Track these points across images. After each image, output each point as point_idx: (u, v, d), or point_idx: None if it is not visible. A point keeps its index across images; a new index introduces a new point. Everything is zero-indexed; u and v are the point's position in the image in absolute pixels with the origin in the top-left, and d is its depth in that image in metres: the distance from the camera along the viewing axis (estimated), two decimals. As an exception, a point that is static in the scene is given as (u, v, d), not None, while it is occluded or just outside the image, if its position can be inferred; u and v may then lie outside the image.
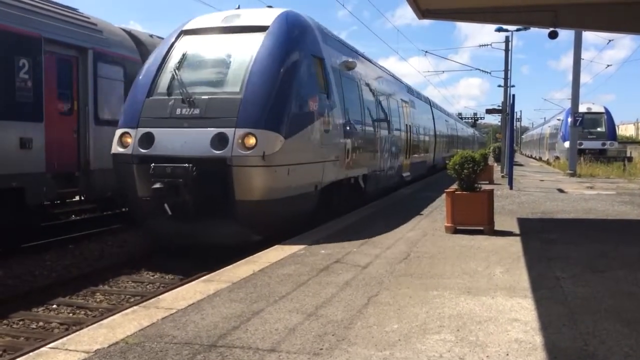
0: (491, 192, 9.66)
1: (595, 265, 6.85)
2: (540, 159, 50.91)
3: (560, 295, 5.51)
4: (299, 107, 9.33)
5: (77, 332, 4.46)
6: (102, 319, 4.71)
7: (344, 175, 11.40)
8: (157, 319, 4.76)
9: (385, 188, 15.80)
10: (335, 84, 10.94)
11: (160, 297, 5.40)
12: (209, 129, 8.68)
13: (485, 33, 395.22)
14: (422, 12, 11.55)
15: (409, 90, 22.38)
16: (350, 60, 12.26)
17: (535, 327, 4.57)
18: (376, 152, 14.28)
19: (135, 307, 5.05)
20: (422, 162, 23.36)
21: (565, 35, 38.48)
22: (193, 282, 5.98)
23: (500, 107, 32.93)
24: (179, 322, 4.71)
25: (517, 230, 9.60)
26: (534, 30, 27.13)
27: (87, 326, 4.57)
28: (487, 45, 34.01)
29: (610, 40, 30.11)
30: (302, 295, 5.52)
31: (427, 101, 27.98)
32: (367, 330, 4.50)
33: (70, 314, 6.85)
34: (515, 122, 31.31)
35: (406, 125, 19.17)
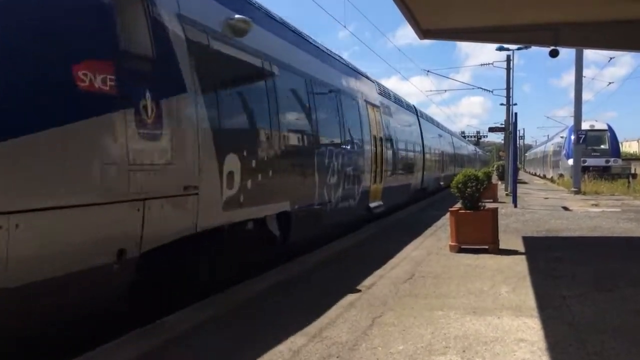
0: (495, 210, 9.62)
1: (602, 284, 6.78)
2: (544, 177, 50.81)
3: (566, 315, 5.44)
4: (22, 78, 4.18)
5: (78, 358, 4.41)
6: (103, 344, 4.65)
7: (220, 220, 6.40)
8: (159, 342, 4.72)
9: (336, 226, 11.25)
10: (188, 49, 5.94)
11: (162, 320, 5.36)
12: None
13: (485, 52, 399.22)
14: (423, 32, 11.63)
15: (382, 92, 16.83)
16: (239, 17, 6.96)
17: (542, 347, 4.50)
18: (311, 175, 9.37)
19: (137, 331, 5.01)
20: (403, 185, 18.23)
21: (566, 53, 38.63)
22: (195, 305, 5.93)
23: (503, 126, 33.00)
24: (180, 345, 4.66)
25: (522, 249, 9.54)
26: (534, 48, 27.25)
27: (88, 351, 4.52)
28: (489, 64, 34.18)
29: (611, 58, 30.37)
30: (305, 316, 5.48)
31: (412, 110, 22.66)
32: (372, 352, 4.44)
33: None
34: (518, 140, 31.31)
35: (374, 137, 13.93)
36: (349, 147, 11.67)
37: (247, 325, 5.21)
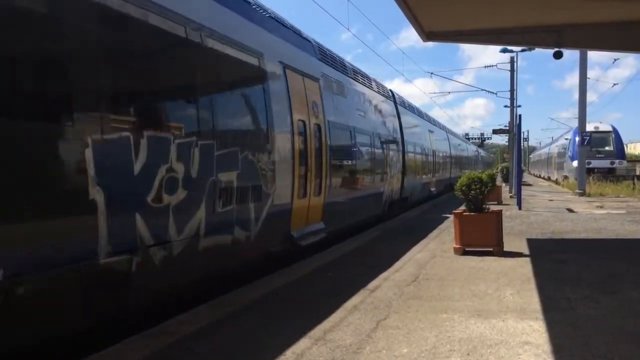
0: (500, 212, 9.60)
1: (607, 286, 6.75)
2: (548, 179, 50.66)
3: (571, 317, 5.42)
4: None
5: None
6: (107, 347, 4.66)
7: None
8: (163, 345, 4.73)
9: (203, 280, 6.53)
10: None
11: (166, 322, 5.36)
12: None
13: (488, 54, 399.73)
14: (427, 35, 11.63)
15: (328, 60, 11.60)
16: None
17: (547, 350, 4.48)
18: (78, 192, 4.48)
19: (141, 334, 5.01)
20: (369, 196, 13.59)
21: (569, 55, 38.53)
22: (199, 308, 5.93)
23: (507, 127, 32.97)
24: (184, 348, 4.67)
25: (526, 251, 9.51)
26: (537, 50, 27.11)
27: (93, 354, 4.52)
28: (493, 66, 34.07)
29: (615, 59, 30.25)
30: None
31: (388, 94, 17.50)
32: (376, 355, 4.43)
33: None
34: (522, 142, 31.22)
35: (305, 123, 9.31)
36: (229, 137, 6.96)
37: (251, 329, 5.21)
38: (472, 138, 79.69)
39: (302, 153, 9.12)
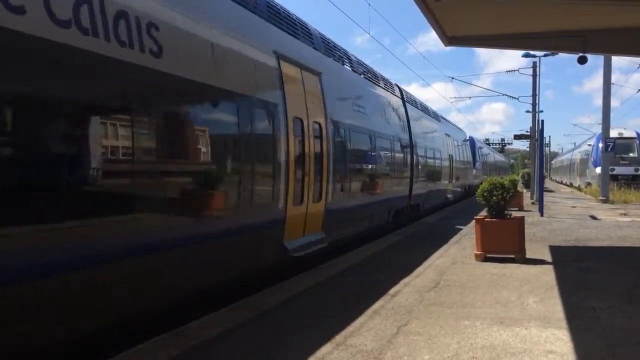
0: (522, 219, 9.49)
1: (634, 295, 6.63)
2: (570, 185, 49.97)
3: (597, 327, 5.33)
4: None
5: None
6: (130, 349, 4.70)
7: None
8: (186, 347, 4.75)
9: None
10: None
11: (188, 325, 5.40)
12: None
13: (504, 59, 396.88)
14: (449, 39, 11.56)
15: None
16: None
17: (571, 359, 4.41)
18: None
19: (164, 335, 5.05)
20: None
21: (589, 59, 37.66)
22: (221, 311, 5.96)
23: (528, 133, 32.62)
24: (207, 350, 4.69)
25: (549, 259, 9.38)
26: (557, 55, 27.07)
27: (113, 356, 4.57)
28: (515, 70, 33.81)
29: (640, 65, 29.66)
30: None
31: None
32: (397, 361, 4.41)
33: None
34: (544, 148, 30.83)
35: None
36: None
37: (272, 333, 5.21)
38: (493, 143, 79.20)
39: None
